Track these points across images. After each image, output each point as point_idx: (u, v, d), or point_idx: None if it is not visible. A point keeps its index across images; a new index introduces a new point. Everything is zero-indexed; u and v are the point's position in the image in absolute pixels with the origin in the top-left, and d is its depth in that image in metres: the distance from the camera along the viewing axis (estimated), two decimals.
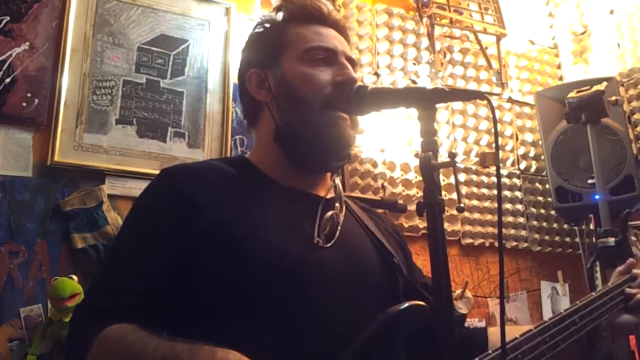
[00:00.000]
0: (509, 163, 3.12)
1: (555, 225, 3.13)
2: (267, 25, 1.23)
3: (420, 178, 2.32)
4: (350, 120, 1.14)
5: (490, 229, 2.90)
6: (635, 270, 1.37)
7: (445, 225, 2.69)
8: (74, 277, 1.97)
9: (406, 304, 1.01)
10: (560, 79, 3.36)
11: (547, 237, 3.09)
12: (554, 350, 1.15)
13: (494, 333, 1.24)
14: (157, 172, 1.18)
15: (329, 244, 1.08)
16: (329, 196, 1.17)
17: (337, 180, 1.21)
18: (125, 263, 1.05)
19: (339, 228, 1.11)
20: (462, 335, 1.17)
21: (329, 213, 1.11)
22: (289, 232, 1.07)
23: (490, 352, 1.05)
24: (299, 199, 1.14)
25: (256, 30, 1.25)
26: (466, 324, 1.46)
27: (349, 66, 1.17)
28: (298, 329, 0.98)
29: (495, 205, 2.93)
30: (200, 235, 1.02)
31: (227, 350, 0.88)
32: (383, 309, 1.00)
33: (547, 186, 3.00)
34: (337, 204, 1.16)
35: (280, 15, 1.22)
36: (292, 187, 1.15)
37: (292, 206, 1.12)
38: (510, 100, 3.20)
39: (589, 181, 2.69)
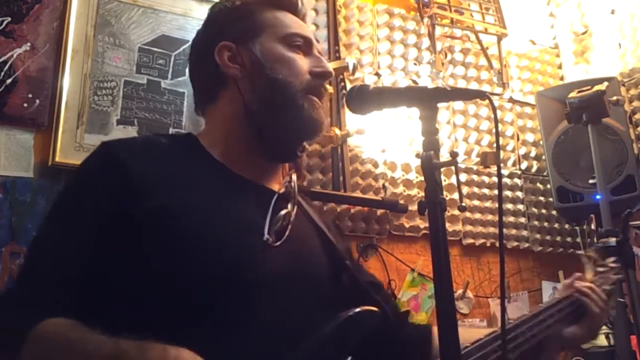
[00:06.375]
0: (510, 163, 3.12)
1: (556, 225, 3.13)
2: (240, 3, 1.19)
3: (421, 178, 2.32)
4: (322, 107, 1.15)
5: (491, 229, 2.90)
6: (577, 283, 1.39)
7: (447, 225, 2.70)
8: None
9: (358, 309, 1.01)
10: (561, 79, 3.36)
11: (548, 237, 3.09)
12: None
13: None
14: None
15: (278, 242, 1.05)
16: (282, 190, 1.14)
17: (294, 176, 1.18)
18: (56, 246, 0.98)
19: (290, 225, 1.08)
20: (404, 335, 1.18)
21: (283, 211, 1.09)
22: (238, 227, 1.03)
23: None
24: (251, 190, 1.10)
25: (224, 4, 1.21)
26: (464, 323, 1.45)
27: (324, 59, 1.18)
28: (241, 329, 0.96)
29: (496, 205, 2.93)
30: (140, 220, 0.96)
31: (180, 348, 0.84)
32: (330, 311, 1.00)
33: (548, 186, 3.00)
34: (290, 200, 1.13)
35: None
36: (244, 177, 1.11)
37: (243, 198, 1.08)
38: (511, 100, 3.20)
39: (590, 181, 2.69)
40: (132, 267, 0.96)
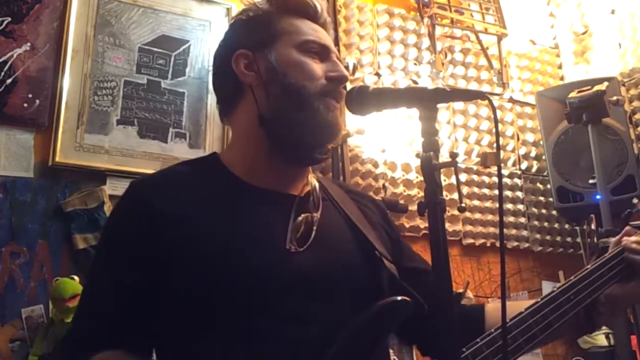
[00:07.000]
0: (510, 163, 3.12)
1: (556, 225, 3.13)
2: (259, 12, 1.20)
3: (421, 178, 2.32)
4: (340, 110, 1.14)
5: (491, 229, 2.90)
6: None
7: (447, 225, 2.70)
8: (76, 277, 1.97)
9: (397, 298, 1.00)
10: (562, 79, 3.36)
11: (548, 237, 3.09)
12: (547, 331, 1.12)
13: (491, 311, 1.21)
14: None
15: (302, 248, 1.05)
16: (304, 192, 1.14)
17: (313, 178, 1.18)
18: (100, 289, 1.07)
19: (315, 228, 1.08)
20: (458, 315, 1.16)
21: (302, 216, 1.09)
22: (260, 239, 1.04)
23: (479, 339, 1.05)
24: (272, 201, 1.11)
25: (245, 14, 1.22)
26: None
27: (341, 64, 1.17)
28: (273, 341, 0.97)
29: (496, 205, 2.93)
30: (169, 250, 1.01)
31: None
32: (364, 309, 0.99)
33: (548, 186, 3.00)
34: (311, 202, 1.13)
35: (273, 4, 1.20)
36: (265, 189, 1.12)
37: (264, 210, 1.09)
38: (511, 100, 3.20)
39: (590, 181, 2.69)
40: (166, 294, 1.02)
